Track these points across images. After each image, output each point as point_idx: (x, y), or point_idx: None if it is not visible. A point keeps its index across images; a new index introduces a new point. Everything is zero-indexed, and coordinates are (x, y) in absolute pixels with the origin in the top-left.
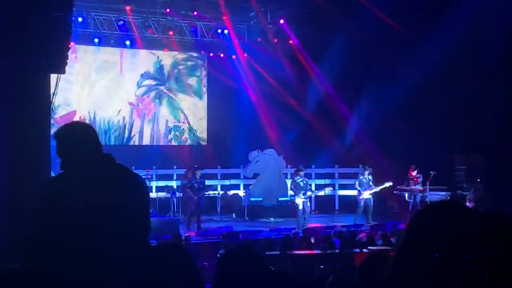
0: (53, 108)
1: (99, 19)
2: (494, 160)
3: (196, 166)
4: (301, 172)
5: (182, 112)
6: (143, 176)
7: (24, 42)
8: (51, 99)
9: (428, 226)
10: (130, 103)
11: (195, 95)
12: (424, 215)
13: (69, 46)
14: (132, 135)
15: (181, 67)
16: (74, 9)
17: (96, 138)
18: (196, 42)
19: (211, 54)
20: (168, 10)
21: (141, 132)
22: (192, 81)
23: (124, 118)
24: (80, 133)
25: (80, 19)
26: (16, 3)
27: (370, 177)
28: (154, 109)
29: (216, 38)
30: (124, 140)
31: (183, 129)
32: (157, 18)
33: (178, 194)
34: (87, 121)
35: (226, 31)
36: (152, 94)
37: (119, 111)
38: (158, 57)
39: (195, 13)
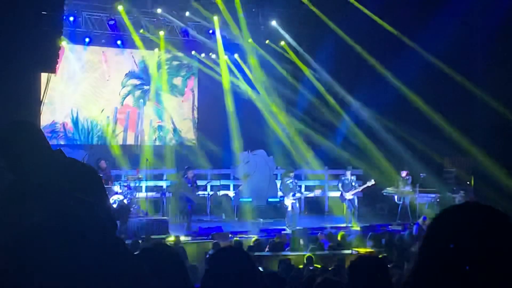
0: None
1: (90, 19)
2: (484, 162)
3: (187, 166)
4: (291, 174)
5: (167, 112)
6: (134, 176)
7: (15, 41)
8: (41, 98)
9: (450, 230)
10: (114, 103)
11: (180, 95)
12: (446, 217)
13: (60, 45)
14: (115, 134)
15: (166, 67)
16: (65, 8)
17: (42, 134)
18: (187, 42)
19: (202, 55)
20: (159, 10)
21: (125, 132)
22: (177, 81)
23: (108, 117)
24: (27, 133)
25: (71, 18)
26: (7, 2)
27: (353, 177)
28: (138, 109)
29: (207, 38)
30: (108, 140)
31: (167, 129)
32: (149, 18)
33: (168, 194)
34: (69, 121)
35: (217, 32)
36: (137, 93)
37: (102, 110)
38: (142, 56)
39: (187, 13)
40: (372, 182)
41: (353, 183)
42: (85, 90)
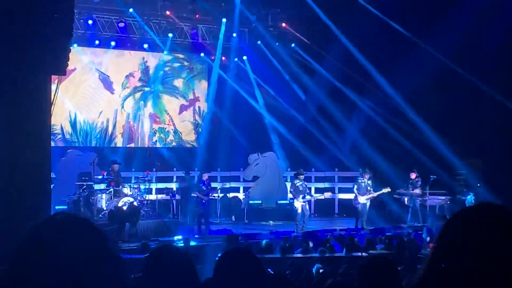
0: None
1: (100, 21)
2: (494, 164)
3: (200, 169)
4: (301, 176)
5: (168, 113)
6: (144, 178)
7: (26, 44)
8: (52, 100)
9: (465, 232)
10: (114, 105)
11: (181, 97)
12: (461, 219)
13: (70, 47)
14: (113, 136)
15: (167, 68)
16: (75, 11)
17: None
18: (196, 45)
19: (212, 57)
20: (169, 12)
21: (125, 134)
22: (178, 82)
23: (108, 119)
24: None
25: (81, 21)
26: (18, 5)
27: (369, 181)
28: (139, 111)
29: (216, 40)
30: (106, 141)
31: (168, 131)
32: (158, 20)
33: (177, 196)
34: (67, 123)
35: (221, 34)
36: (137, 95)
37: (101, 112)
38: (143, 58)
39: (197, 16)
40: (388, 189)
41: (369, 187)
42: (85, 92)
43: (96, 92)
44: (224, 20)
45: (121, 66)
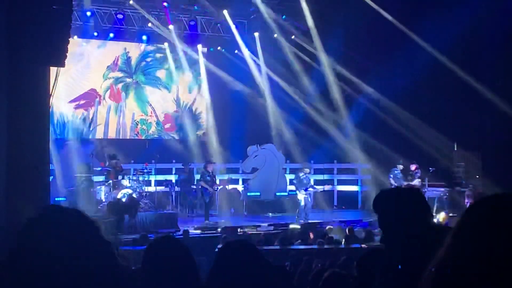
0: None
1: (99, 13)
2: (493, 156)
3: (207, 160)
4: (307, 170)
5: (150, 105)
6: (143, 170)
7: (23, 35)
8: (50, 92)
9: (483, 223)
10: (96, 96)
11: (163, 88)
12: (479, 210)
13: (69, 39)
14: (93, 128)
15: (149, 59)
16: (73, 2)
17: None
18: (195, 36)
19: (211, 48)
20: (167, 4)
21: (106, 125)
22: (161, 73)
23: (88, 110)
24: None
25: (80, 12)
26: None
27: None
28: (120, 102)
29: (216, 32)
30: (84, 133)
31: (150, 122)
32: (157, 12)
33: (176, 188)
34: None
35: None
36: (119, 86)
37: (78, 103)
38: (125, 48)
39: (195, 7)
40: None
41: (405, 177)
42: (66, 82)
43: (76, 83)
44: (225, 11)
45: (103, 56)
